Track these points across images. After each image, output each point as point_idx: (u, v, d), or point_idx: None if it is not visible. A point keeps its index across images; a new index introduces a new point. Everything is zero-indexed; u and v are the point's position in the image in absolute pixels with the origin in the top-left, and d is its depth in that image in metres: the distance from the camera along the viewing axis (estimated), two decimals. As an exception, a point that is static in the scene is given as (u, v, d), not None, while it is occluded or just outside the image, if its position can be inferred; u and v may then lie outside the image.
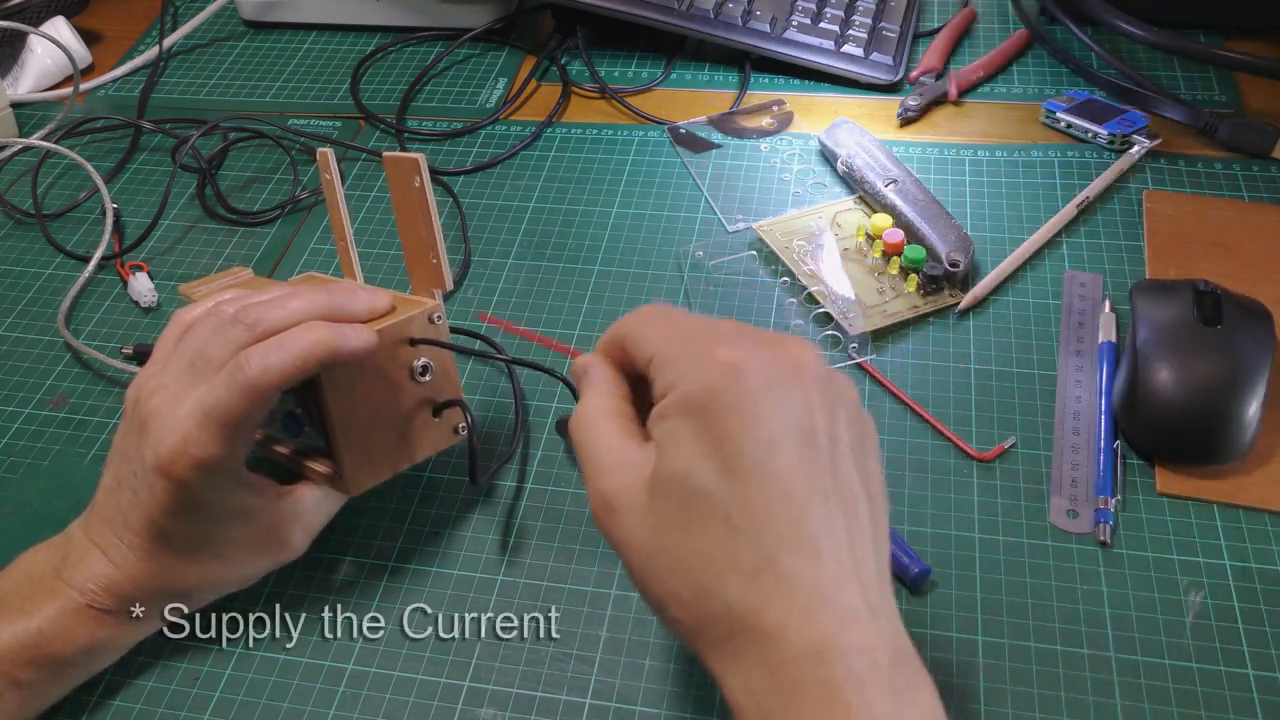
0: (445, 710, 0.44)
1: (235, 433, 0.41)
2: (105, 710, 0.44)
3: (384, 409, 0.44)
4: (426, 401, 0.46)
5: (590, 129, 0.72)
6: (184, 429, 0.40)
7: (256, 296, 0.44)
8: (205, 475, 0.41)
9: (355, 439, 0.44)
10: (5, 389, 0.58)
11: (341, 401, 0.43)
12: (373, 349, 0.42)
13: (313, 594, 0.48)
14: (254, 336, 0.41)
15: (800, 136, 0.69)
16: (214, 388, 0.40)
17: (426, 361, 0.45)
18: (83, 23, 0.87)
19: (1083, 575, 0.46)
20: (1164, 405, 0.48)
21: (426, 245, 0.46)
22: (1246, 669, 0.42)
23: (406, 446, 0.46)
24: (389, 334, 0.43)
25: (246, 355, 0.40)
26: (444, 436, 0.47)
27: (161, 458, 0.40)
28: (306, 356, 0.40)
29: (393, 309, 0.45)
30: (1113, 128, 0.65)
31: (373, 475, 0.45)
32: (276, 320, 0.42)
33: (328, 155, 0.50)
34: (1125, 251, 0.59)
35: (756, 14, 0.74)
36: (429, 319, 0.45)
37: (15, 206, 0.70)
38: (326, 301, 0.43)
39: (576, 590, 0.47)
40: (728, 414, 0.33)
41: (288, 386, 0.41)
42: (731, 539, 0.32)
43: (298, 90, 0.78)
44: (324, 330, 0.41)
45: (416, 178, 0.45)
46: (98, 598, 0.42)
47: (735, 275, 0.60)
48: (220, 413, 0.40)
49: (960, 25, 0.77)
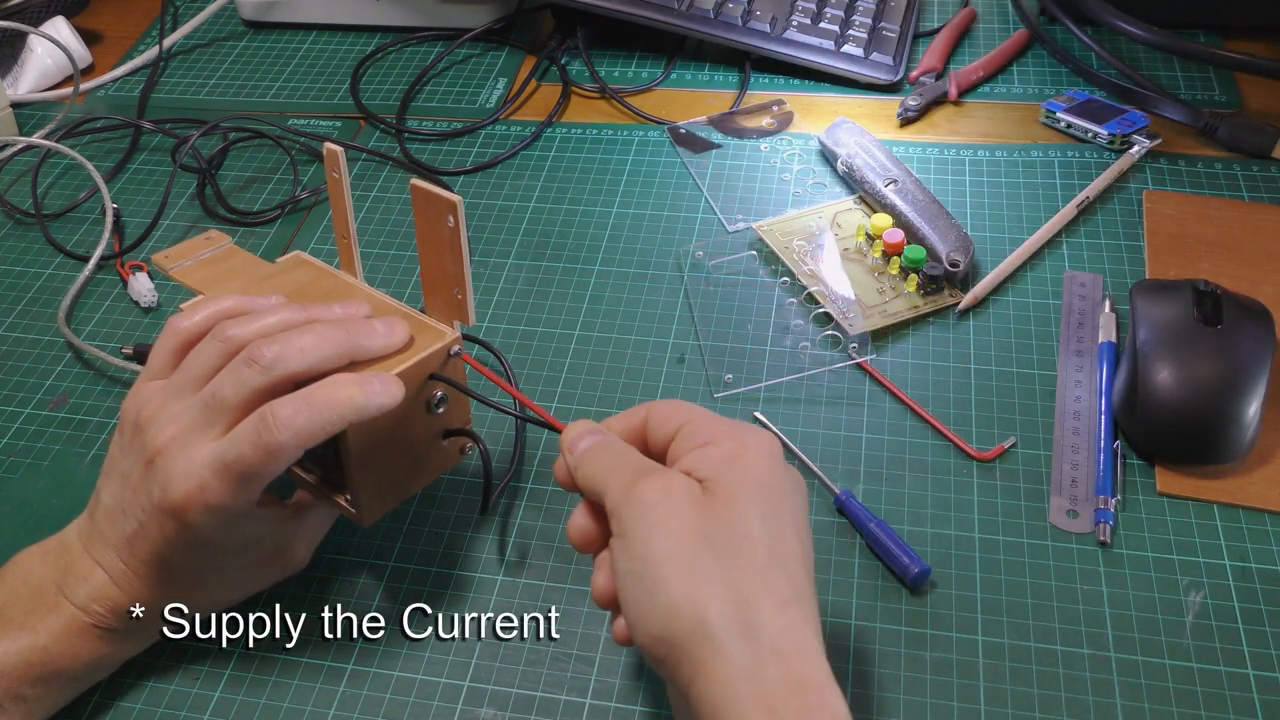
0: (445, 710, 0.44)
1: (254, 486, 0.40)
2: (105, 710, 0.44)
3: (399, 442, 0.44)
4: (439, 429, 0.45)
5: (590, 129, 0.72)
6: (201, 477, 0.39)
7: (262, 319, 0.42)
8: (217, 519, 0.40)
9: (370, 475, 0.43)
10: (5, 389, 0.58)
11: (360, 440, 0.42)
12: (398, 403, 0.41)
13: (313, 594, 0.48)
14: (271, 381, 0.40)
15: (800, 136, 0.69)
16: (236, 442, 0.39)
17: (443, 394, 0.44)
18: (83, 23, 0.87)
19: (1083, 575, 0.46)
20: (1164, 405, 0.48)
21: (452, 280, 0.45)
22: (1246, 669, 0.42)
23: (417, 473, 0.46)
24: (411, 374, 0.42)
25: (273, 412, 0.39)
26: (451, 457, 0.47)
27: (173, 501, 0.40)
28: (334, 420, 0.39)
29: (410, 341, 0.43)
30: (1113, 128, 0.65)
31: (384, 507, 0.45)
32: (294, 366, 0.40)
33: (337, 153, 0.49)
34: (1125, 251, 0.59)
35: (756, 14, 0.74)
36: (448, 353, 0.44)
37: (15, 206, 0.70)
38: (345, 340, 0.41)
39: (576, 590, 0.47)
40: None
41: (312, 446, 0.40)
42: (780, 572, 0.35)
43: (298, 90, 0.78)
44: (352, 388, 0.40)
45: (451, 218, 0.44)
46: (104, 619, 0.42)
47: (735, 275, 0.60)
48: (241, 468, 0.39)
49: (960, 25, 0.77)
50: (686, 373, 0.55)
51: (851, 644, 0.44)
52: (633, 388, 0.55)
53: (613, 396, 0.55)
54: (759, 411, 0.53)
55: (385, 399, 0.40)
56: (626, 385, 0.55)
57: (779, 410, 0.53)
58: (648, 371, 0.56)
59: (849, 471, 0.50)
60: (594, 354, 0.57)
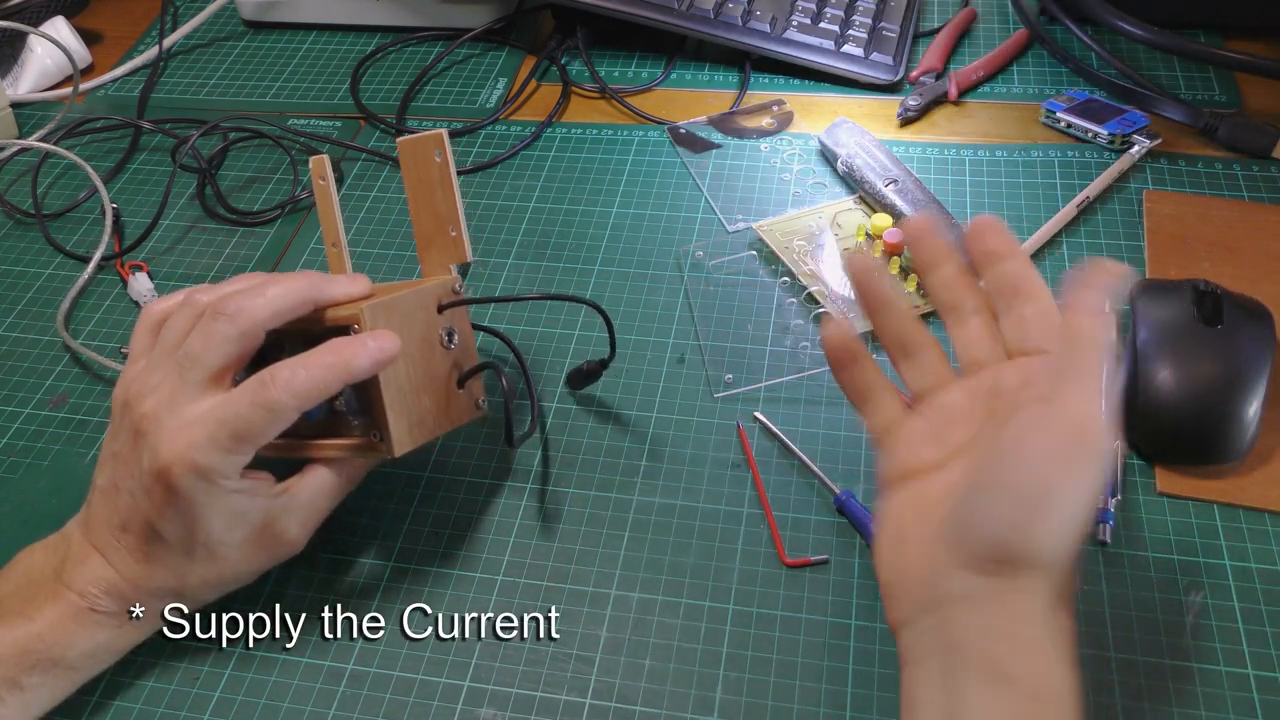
0: (445, 710, 0.44)
1: (248, 448, 0.41)
2: (105, 710, 0.44)
3: (422, 372, 0.46)
4: (455, 367, 0.47)
5: (590, 129, 0.72)
6: (188, 435, 0.40)
7: (232, 285, 0.45)
8: (202, 482, 0.41)
9: (398, 399, 0.44)
10: (5, 389, 0.58)
11: (391, 370, 0.44)
12: (396, 354, 0.43)
13: (313, 594, 0.48)
14: (238, 330, 0.42)
15: (800, 136, 0.69)
16: (233, 401, 0.41)
17: (451, 327, 0.47)
18: (83, 23, 0.87)
19: (1083, 575, 0.46)
20: (1164, 405, 0.48)
21: (445, 221, 0.48)
22: (1246, 669, 0.42)
23: (439, 413, 0.47)
24: (427, 295, 0.46)
25: (272, 375, 0.41)
26: (468, 409, 0.49)
27: (162, 462, 0.40)
28: (331, 379, 0.41)
29: (370, 295, 0.46)
30: (1113, 128, 0.65)
31: (412, 439, 0.45)
32: (259, 315, 0.42)
33: (323, 161, 0.50)
34: (1125, 251, 0.59)
35: (756, 14, 0.74)
36: (453, 290, 0.48)
37: (15, 206, 0.70)
38: (307, 287, 0.44)
39: (576, 590, 0.47)
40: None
41: (310, 407, 0.41)
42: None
43: (298, 90, 0.78)
44: (347, 349, 0.42)
45: (439, 152, 0.47)
46: (98, 600, 0.42)
47: (735, 275, 0.60)
48: (239, 427, 0.40)
49: (960, 25, 0.77)
50: (686, 373, 0.55)
51: (852, 644, 0.44)
52: (633, 387, 0.55)
53: (612, 396, 0.55)
54: (759, 411, 0.53)
55: (379, 354, 0.42)
56: (626, 385, 0.55)
57: (779, 410, 0.53)
58: (648, 371, 0.56)
59: (849, 471, 0.50)
60: (594, 354, 0.57)
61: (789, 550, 0.47)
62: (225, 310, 0.42)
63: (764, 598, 0.46)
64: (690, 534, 0.49)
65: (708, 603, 0.46)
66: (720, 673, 0.44)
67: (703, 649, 0.45)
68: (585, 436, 0.53)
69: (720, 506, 0.49)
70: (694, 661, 0.44)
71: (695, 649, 0.45)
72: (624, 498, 0.50)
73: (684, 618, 0.46)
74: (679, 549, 0.48)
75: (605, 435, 0.53)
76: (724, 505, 0.50)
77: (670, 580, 0.47)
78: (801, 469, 0.50)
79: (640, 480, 0.51)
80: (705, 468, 0.51)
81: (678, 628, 0.45)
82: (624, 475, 0.51)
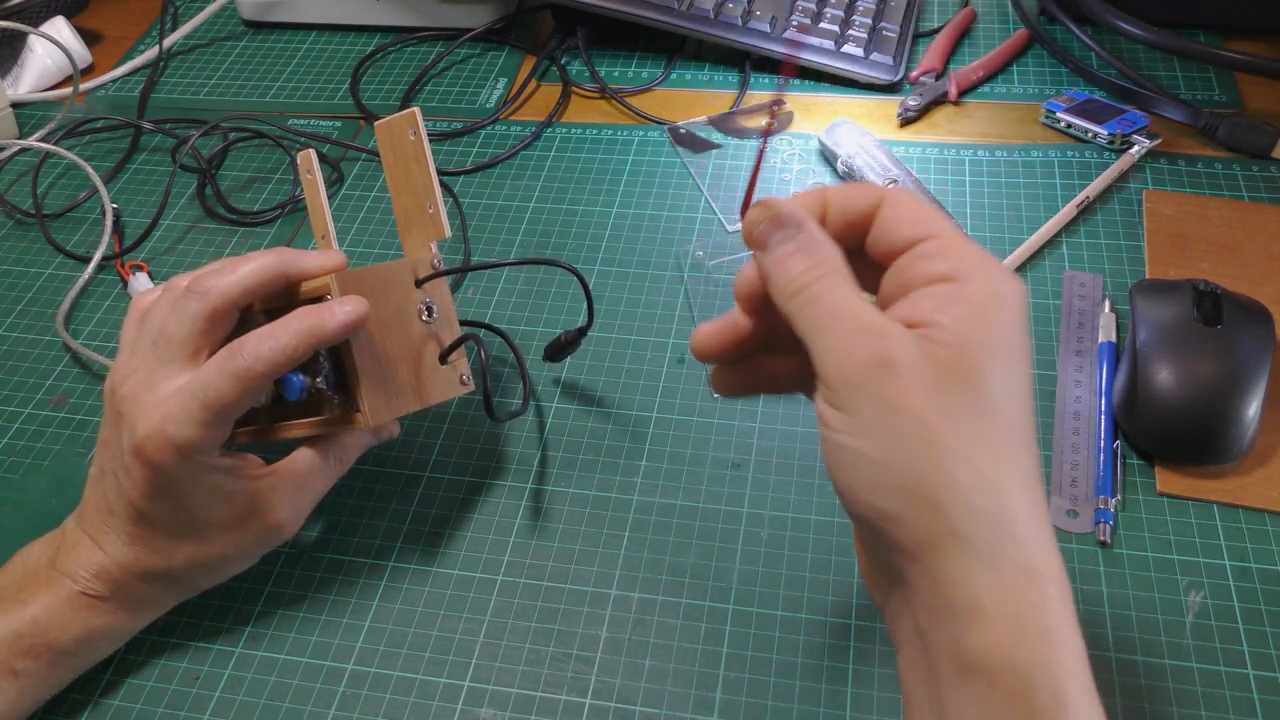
0: (445, 710, 0.44)
1: (222, 419, 0.42)
2: (105, 710, 0.44)
3: (399, 343, 0.46)
4: (435, 342, 0.48)
5: (590, 129, 0.72)
6: (164, 409, 0.41)
7: (209, 267, 0.45)
8: (180, 457, 0.41)
9: (372, 367, 0.45)
10: (5, 389, 0.58)
11: (361, 336, 0.44)
12: (364, 318, 0.43)
13: (313, 594, 0.48)
14: (210, 307, 0.42)
15: (800, 136, 0.69)
16: (204, 373, 0.41)
17: (431, 302, 0.48)
18: (83, 23, 0.87)
19: (1083, 575, 0.46)
20: (1164, 405, 0.48)
21: (422, 198, 0.49)
22: (1246, 669, 0.42)
23: (419, 385, 0.47)
24: (402, 267, 0.47)
25: (241, 344, 0.41)
26: (452, 385, 0.49)
27: (137, 438, 0.41)
28: (298, 344, 0.42)
29: (344, 266, 0.47)
30: (1113, 128, 0.65)
31: (389, 409, 0.45)
32: (231, 290, 0.43)
33: (310, 155, 0.52)
34: (1125, 251, 0.59)
35: (756, 14, 0.74)
36: (431, 265, 0.48)
37: (15, 207, 0.70)
38: (279, 263, 0.44)
39: (576, 590, 0.47)
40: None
41: (280, 374, 0.42)
42: (1022, 450, 0.32)
43: (298, 90, 0.78)
44: (314, 315, 0.42)
45: (412, 130, 0.48)
46: (90, 584, 0.43)
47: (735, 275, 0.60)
48: (209, 396, 0.41)
49: (960, 25, 0.77)
50: (686, 372, 0.55)
51: (852, 644, 0.44)
52: (633, 387, 0.55)
53: (613, 396, 0.55)
54: (758, 411, 0.53)
55: (346, 318, 0.42)
56: (626, 385, 0.55)
57: (779, 410, 0.53)
58: (648, 371, 0.56)
59: (849, 471, 0.50)
60: (594, 354, 0.57)
61: (789, 550, 0.47)
62: (196, 289, 0.43)
63: (764, 598, 0.46)
64: (690, 534, 0.49)
65: (708, 603, 0.46)
66: (720, 673, 0.44)
67: (703, 649, 0.45)
68: (585, 437, 0.53)
69: (720, 506, 0.49)
70: (694, 661, 0.44)
71: (695, 649, 0.45)
72: (624, 498, 0.50)
73: (684, 618, 0.46)
74: (679, 549, 0.48)
75: (605, 435, 0.53)
76: (724, 505, 0.50)
77: (670, 580, 0.47)
78: (803, 469, 0.50)
79: (640, 480, 0.51)
80: (705, 468, 0.51)
81: (678, 628, 0.45)
82: (624, 475, 0.51)
